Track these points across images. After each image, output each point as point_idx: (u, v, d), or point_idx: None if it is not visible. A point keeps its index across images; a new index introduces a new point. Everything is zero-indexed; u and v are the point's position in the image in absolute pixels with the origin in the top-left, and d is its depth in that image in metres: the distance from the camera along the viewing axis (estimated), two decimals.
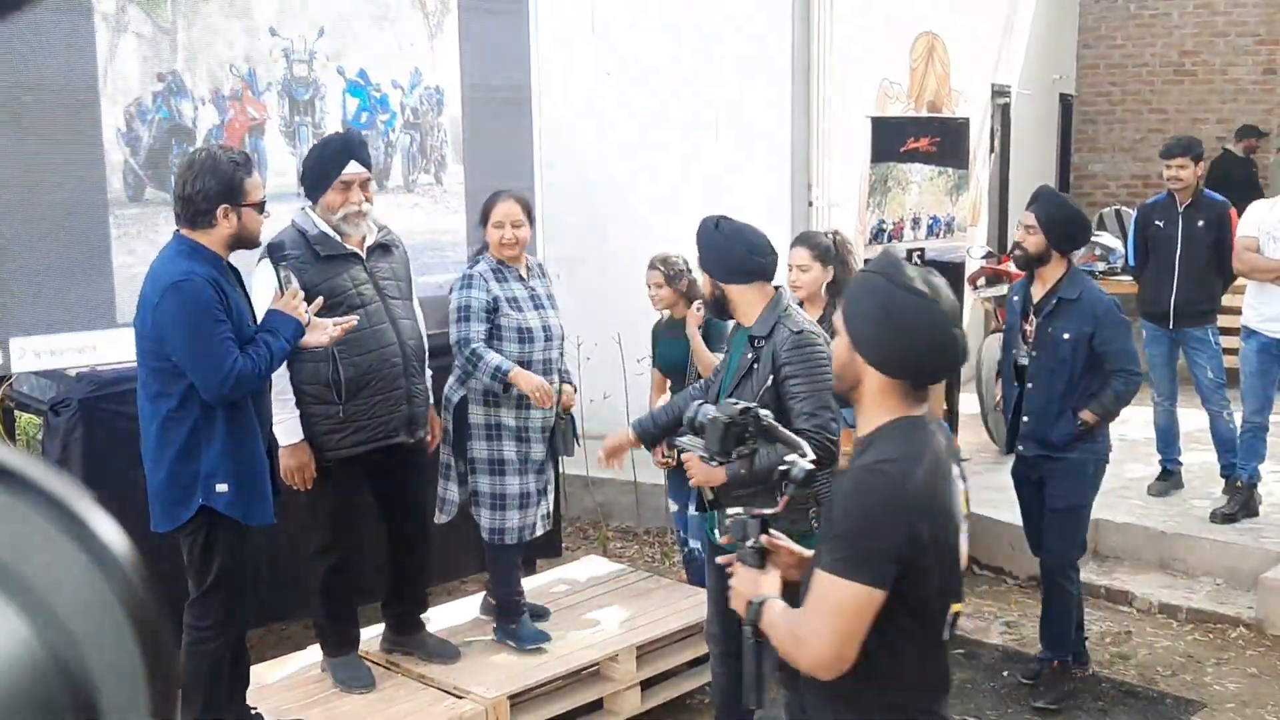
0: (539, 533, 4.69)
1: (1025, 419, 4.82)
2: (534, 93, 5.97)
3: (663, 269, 5.23)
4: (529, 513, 4.56)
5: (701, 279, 3.93)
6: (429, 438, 4.51)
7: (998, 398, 5.15)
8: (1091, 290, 4.85)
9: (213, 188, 3.58)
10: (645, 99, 7.26)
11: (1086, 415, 4.69)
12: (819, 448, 3.25)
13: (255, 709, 4.03)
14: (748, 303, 3.73)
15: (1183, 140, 6.74)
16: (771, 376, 3.59)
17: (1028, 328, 4.82)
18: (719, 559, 2.91)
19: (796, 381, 3.55)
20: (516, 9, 5.82)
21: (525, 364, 4.43)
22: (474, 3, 5.59)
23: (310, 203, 4.22)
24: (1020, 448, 4.88)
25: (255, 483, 3.70)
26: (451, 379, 4.59)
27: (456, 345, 4.44)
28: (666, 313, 5.39)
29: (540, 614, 4.84)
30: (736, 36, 6.99)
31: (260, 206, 3.70)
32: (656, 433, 4.16)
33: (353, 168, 4.13)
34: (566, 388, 4.60)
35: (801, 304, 4.42)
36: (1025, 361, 4.84)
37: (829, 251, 4.77)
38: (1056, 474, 4.80)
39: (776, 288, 3.78)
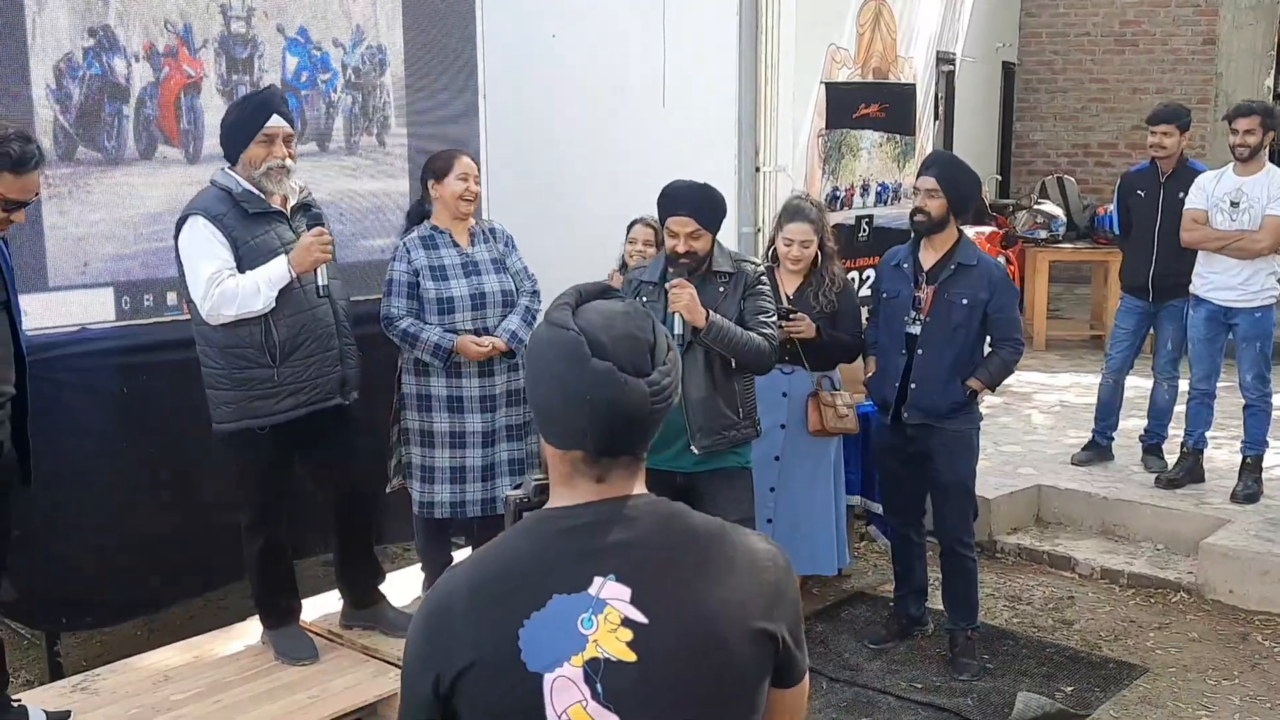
0: (499, 510, 4.47)
1: (913, 385, 4.73)
2: (479, 54, 5.85)
3: (655, 227, 5.14)
4: (467, 488, 4.45)
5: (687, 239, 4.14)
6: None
7: (869, 373, 5.01)
8: (986, 257, 4.87)
9: None
10: (591, 63, 7.16)
11: (974, 383, 4.68)
12: (770, 345, 4.19)
13: (18, 700, 3.82)
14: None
15: (1170, 107, 6.61)
16: (741, 301, 4.21)
17: (919, 295, 4.73)
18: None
19: (763, 301, 4.27)
20: None
21: (450, 333, 4.36)
22: None
23: (229, 163, 4.08)
24: (905, 415, 4.78)
25: None
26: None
27: (382, 322, 4.42)
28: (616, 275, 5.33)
29: None
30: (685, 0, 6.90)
31: (6, 204, 3.44)
32: None
33: (275, 121, 4.03)
34: (490, 339, 4.40)
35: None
36: (916, 330, 4.74)
37: (819, 222, 4.96)
38: (945, 448, 4.75)
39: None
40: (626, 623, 1.54)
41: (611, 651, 1.53)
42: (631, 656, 1.53)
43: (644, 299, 4.21)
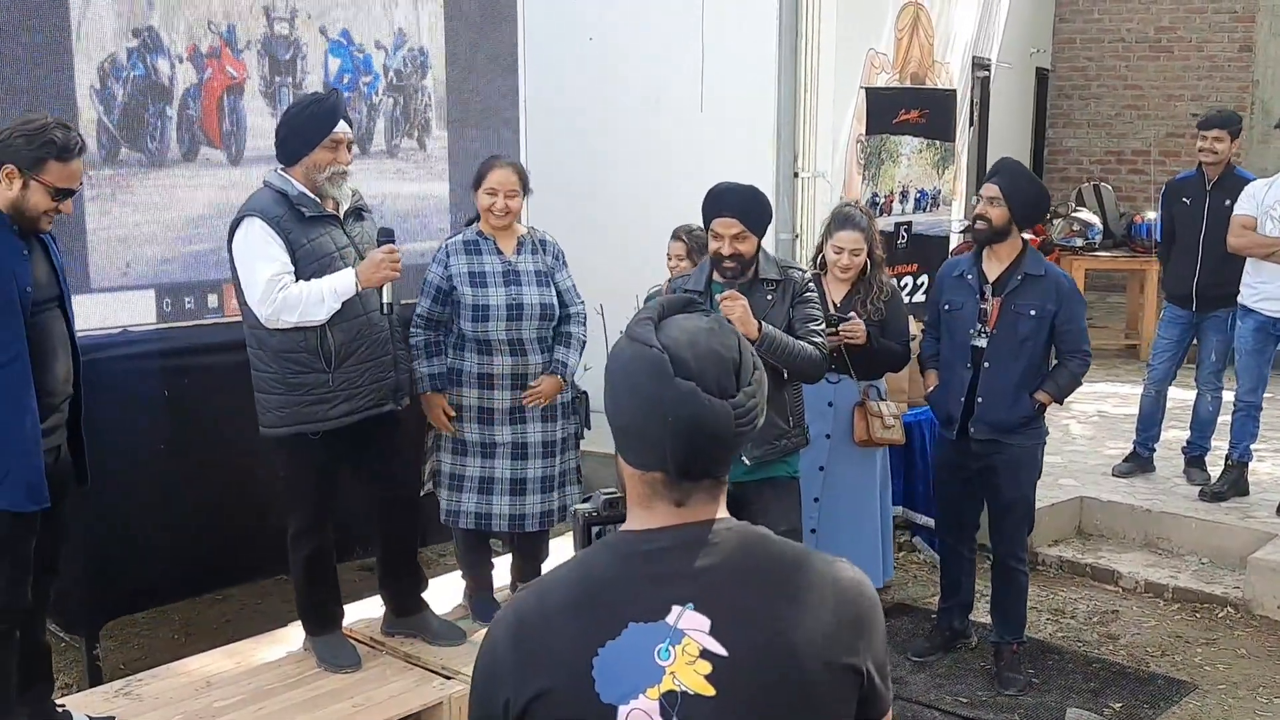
0: (526, 528, 4.44)
1: (979, 400, 4.62)
2: (520, 57, 5.81)
3: (687, 240, 5.08)
4: (494, 501, 4.39)
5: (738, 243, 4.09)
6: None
7: (929, 387, 4.89)
8: (1053, 267, 4.78)
9: (18, 146, 3.35)
10: (629, 67, 7.12)
11: (1042, 396, 4.59)
12: (821, 354, 4.15)
13: (63, 705, 3.79)
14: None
15: (1223, 113, 6.54)
16: (790, 309, 4.16)
17: (985, 306, 4.62)
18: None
19: (812, 308, 4.22)
20: None
21: (484, 343, 4.32)
22: None
23: (282, 165, 4.05)
24: (971, 430, 4.67)
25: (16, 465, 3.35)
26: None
27: (412, 321, 4.42)
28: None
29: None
30: (723, 3, 6.85)
31: (56, 194, 3.39)
32: None
33: (343, 126, 4.03)
34: (542, 384, 4.38)
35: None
36: (981, 343, 4.63)
37: (869, 230, 4.92)
38: (1010, 464, 4.66)
39: None
40: (705, 655, 1.47)
41: (689, 684, 1.46)
42: (710, 690, 1.46)
43: None
